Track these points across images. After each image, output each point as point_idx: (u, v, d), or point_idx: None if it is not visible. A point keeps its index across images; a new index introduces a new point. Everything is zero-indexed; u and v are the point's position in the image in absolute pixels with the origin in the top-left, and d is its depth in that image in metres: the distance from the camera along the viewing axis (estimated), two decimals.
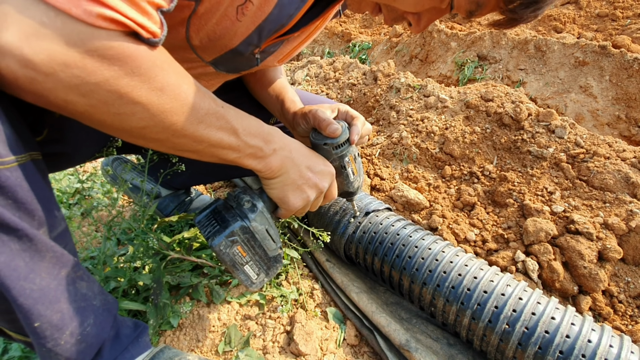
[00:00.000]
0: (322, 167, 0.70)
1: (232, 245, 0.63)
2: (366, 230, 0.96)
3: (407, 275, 0.86)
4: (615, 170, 1.16)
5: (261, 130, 0.60)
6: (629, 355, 0.63)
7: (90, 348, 0.53)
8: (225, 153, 0.56)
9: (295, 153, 0.66)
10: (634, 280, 1.00)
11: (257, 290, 0.72)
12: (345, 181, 0.81)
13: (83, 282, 0.52)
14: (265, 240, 0.68)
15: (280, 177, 0.64)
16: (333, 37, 3.98)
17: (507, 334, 0.70)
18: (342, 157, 0.77)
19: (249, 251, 0.66)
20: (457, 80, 2.55)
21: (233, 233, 0.63)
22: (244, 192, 0.68)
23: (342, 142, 0.76)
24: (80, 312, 0.51)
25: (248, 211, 0.65)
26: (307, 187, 0.68)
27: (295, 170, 0.66)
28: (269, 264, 0.70)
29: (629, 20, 2.81)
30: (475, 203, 1.26)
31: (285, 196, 0.67)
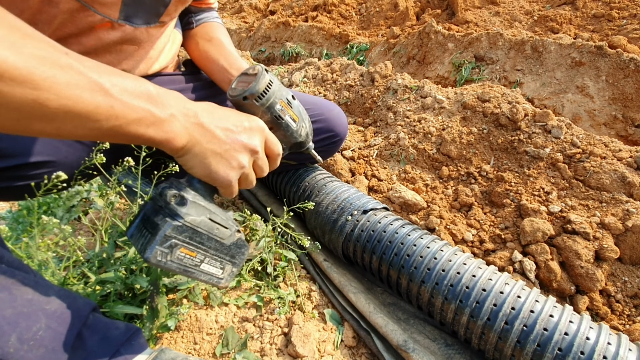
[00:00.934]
0: (245, 124, 0.59)
1: (173, 251, 0.53)
2: (364, 229, 0.96)
3: (406, 274, 0.86)
4: (611, 170, 1.16)
5: (144, 89, 0.47)
6: (626, 352, 0.63)
7: (53, 352, 0.51)
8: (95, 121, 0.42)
9: (205, 117, 0.54)
10: (631, 280, 1.00)
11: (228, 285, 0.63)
12: (287, 132, 0.70)
13: (26, 288, 0.50)
14: (213, 230, 0.58)
15: (194, 149, 0.53)
16: (331, 39, 3.99)
17: (505, 332, 0.70)
18: (271, 106, 0.65)
19: (198, 249, 0.57)
20: (455, 81, 2.56)
21: (166, 237, 0.52)
22: (170, 186, 0.57)
23: (264, 89, 0.63)
24: (23, 317, 0.49)
25: (177, 207, 0.54)
26: (234, 153, 0.57)
27: (211, 137, 0.54)
28: (230, 252, 0.61)
29: (625, 21, 2.82)
30: (473, 203, 1.27)
31: (211, 172, 0.55)
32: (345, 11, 4.64)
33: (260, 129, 0.61)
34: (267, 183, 1.33)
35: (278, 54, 4.35)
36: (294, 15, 5.07)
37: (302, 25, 4.32)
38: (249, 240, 1.10)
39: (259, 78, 0.63)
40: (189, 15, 1.03)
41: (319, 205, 1.05)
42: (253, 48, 4.81)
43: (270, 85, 0.64)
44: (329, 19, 4.55)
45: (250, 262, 0.98)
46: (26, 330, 0.48)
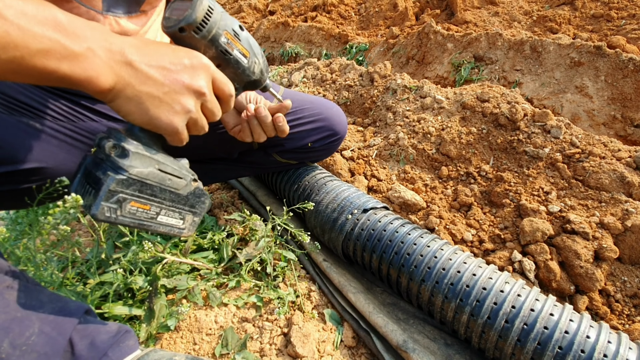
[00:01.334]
0: (184, 62, 0.51)
1: (122, 205, 0.49)
2: (364, 228, 0.96)
3: (406, 273, 0.86)
4: (610, 169, 1.16)
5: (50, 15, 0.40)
6: (627, 351, 0.63)
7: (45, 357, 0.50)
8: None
9: (134, 54, 0.46)
10: (630, 280, 1.00)
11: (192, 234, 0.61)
12: (237, 69, 0.60)
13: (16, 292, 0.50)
14: (165, 181, 0.53)
15: (125, 91, 0.46)
16: (330, 39, 3.99)
17: (506, 331, 0.70)
18: (215, 39, 0.55)
19: (151, 201, 0.52)
20: (454, 81, 2.56)
21: (111, 192, 0.48)
22: (107, 136, 0.51)
23: (203, 18, 0.53)
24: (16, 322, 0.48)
25: (118, 158, 0.49)
26: (175, 95, 0.50)
27: (144, 78, 0.47)
28: (189, 202, 0.57)
29: (624, 21, 2.82)
30: (472, 203, 1.27)
31: (151, 118, 0.49)
32: (344, 11, 4.64)
33: (204, 66, 0.53)
34: (267, 182, 1.33)
35: (277, 54, 4.35)
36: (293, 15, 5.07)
37: (301, 25, 4.32)
38: (249, 241, 1.10)
39: (195, 4, 0.52)
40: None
41: (318, 204, 1.05)
42: None
43: (210, 13, 0.54)
44: (328, 19, 4.55)
45: (249, 263, 0.98)
46: (19, 336, 0.48)
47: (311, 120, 1.08)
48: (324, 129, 1.10)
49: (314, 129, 1.08)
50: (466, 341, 0.81)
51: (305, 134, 1.08)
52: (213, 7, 0.54)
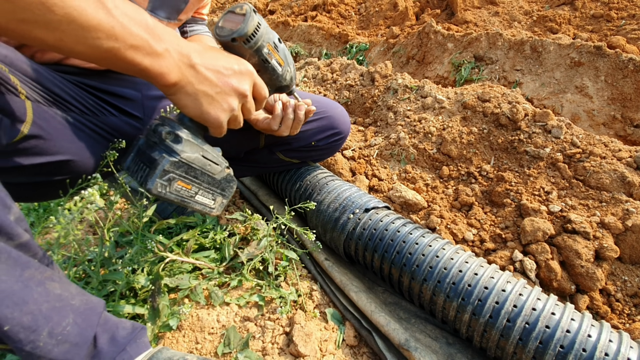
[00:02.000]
0: (235, 67, 0.60)
1: (171, 183, 0.58)
2: (366, 227, 0.96)
3: (408, 272, 0.86)
4: (611, 169, 1.17)
5: (143, 19, 0.49)
6: (628, 350, 0.63)
7: (76, 348, 0.53)
8: (94, 36, 0.44)
9: (197, 58, 0.56)
10: (630, 279, 1.00)
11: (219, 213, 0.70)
12: (273, 76, 0.71)
13: (54, 283, 0.52)
14: (206, 166, 0.62)
15: (186, 88, 0.56)
16: (330, 39, 3.99)
17: (508, 330, 0.70)
18: (259, 50, 0.65)
19: (193, 182, 0.61)
20: (454, 81, 2.56)
21: (165, 172, 0.57)
22: (162, 123, 0.60)
23: (252, 32, 0.63)
24: (56, 312, 0.50)
25: (173, 144, 0.58)
26: (224, 95, 0.60)
27: (202, 78, 0.57)
28: (221, 186, 0.66)
29: (624, 21, 2.83)
30: (473, 203, 1.27)
31: (203, 112, 0.59)
32: (344, 11, 4.64)
33: (249, 73, 0.63)
34: (268, 182, 1.33)
35: None
36: (293, 14, 5.07)
37: (301, 25, 4.32)
38: (250, 240, 1.10)
39: (247, 19, 0.61)
40: (183, 25, 1.09)
41: (320, 203, 1.05)
42: None
43: (258, 27, 0.64)
44: (329, 19, 4.55)
45: (251, 262, 0.98)
46: (57, 325, 0.50)
47: (317, 119, 1.10)
48: (329, 128, 1.12)
49: (319, 127, 1.10)
50: (468, 340, 0.81)
51: (310, 133, 1.10)
52: (261, 23, 0.64)
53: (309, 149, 1.14)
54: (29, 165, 0.63)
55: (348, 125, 1.17)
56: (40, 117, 0.63)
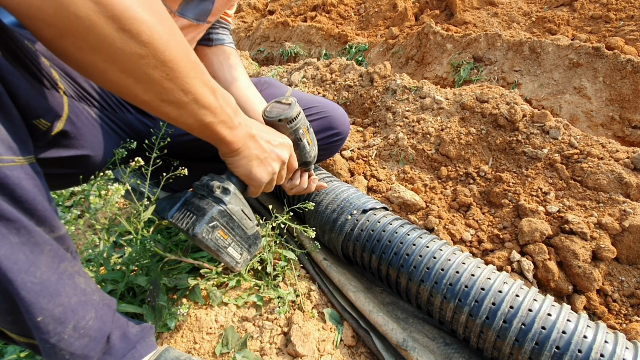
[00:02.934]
0: (280, 140, 0.74)
1: (213, 231, 0.65)
2: (364, 228, 0.96)
3: (405, 273, 0.87)
4: (608, 170, 1.17)
5: (231, 99, 0.62)
6: (623, 351, 0.64)
7: (94, 342, 0.54)
8: (204, 114, 0.56)
9: (255, 129, 0.69)
10: (627, 280, 1.01)
11: (241, 269, 0.76)
12: (302, 152, 0.86)
13: (81, 278, 0.53)
14: (243, 220, 0.71)
15: (244, 152, 0.67)
16: (330, 39, 3.99)
17: (504, 331, 0.70)
18: (297, 130, 0.81)
19: (230, 233, 0.69)
20: (453, 82, 2.57)
21: (212, 218, 0.65)
22: (212, 179, 0.70)
23: (295, 116, 0.79)
24: (82, 306, 0.52)
25: (222, 195, 0.67)
26: (270, 160, 0.72)
27: (257, 145, 0.69)
28: (249, 242, 0.74)
29: (622, 22, 2.84)
30: (471, 204, 1.27)
31: (251, 172, 0.70)
32: (344, 11, 4.65)
33: (289, 146, 0.77)
34: None
35: (277, 54, 4.35)
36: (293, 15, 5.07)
37: (301, 25, 4.32)
38: None
39: (293, 107, 0.80)
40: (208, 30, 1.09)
41: (318, 204, 1.06)
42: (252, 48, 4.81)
43: (299, 114, 0.81)
44: (328, 19, 4.55)
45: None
46: (82, 319, 0.51)
47: (317, 119, 1.12)
48: (328, 128, 1.13)
49: (319, 127, 1.12)
50: (465, 341, 0.82)
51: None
52: (300, 111, 0.82)
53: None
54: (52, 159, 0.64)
55: (347, 126, 1.18)
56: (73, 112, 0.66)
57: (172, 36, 0.48)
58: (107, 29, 0.42)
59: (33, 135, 0.52)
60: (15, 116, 0.44)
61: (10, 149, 0.42)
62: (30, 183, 0.44)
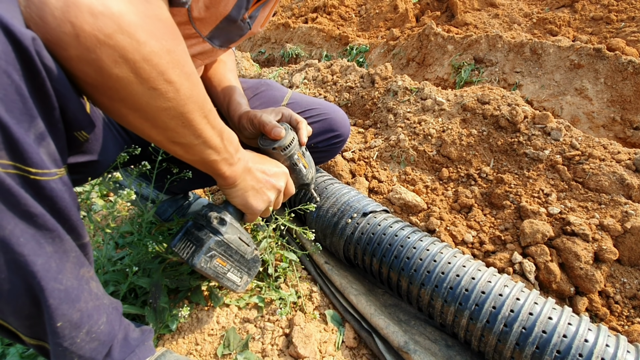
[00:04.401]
0: (275, 170, 0.77)
1: (212, 260, 0.69)
2: (364, 232, 0.96)
3: (406, 277, 0.87)
4: (610, 172, 1.17)
5: (234, 138, 0.66)
6: (625, 354, 0.63)
7: (102, 346, 0.54)
8: (209, 153, 0.60)
9: (251, 161, 0.72)
10: (629, 281, 1.01)
11: (243, 291, 0.81)
12: (299, 176, 0.89)
13: (94, 282, 0.54)
14: (240, 247, 0.75)
15: (240, 185, 0.70)
16: (330, 40, 3.99)
17: (504, 334, 0.70)
18: (291, 156, 0.84)
19: (228, 260, 0.73)
20: (454, 83, 2.57)
21: (210, 249, 0.68)
22: (210, 209, 0.73)
23: (289, 144, 0.82)
24: (96, 311, 0.52)
25: (219, 226, 0.71)
26: (265, 190, 0.75)
27: (252, 177, 0.72)
28: (248, 265, 0.78)
29: (623, 24, 2.84)
30: (473, 205, 1.27)
31: (247, 202, 0.73)
32: (345, 13, 4.65)
33: (285, 174, 0.80)
34: None
35: (278, 55, 4.36)
36: (294, 16, 5.08)
37: (302, 26, 4.32)
38: None
39: (286, 135, 0.83)
40: None
41: (319, 208, 1.06)
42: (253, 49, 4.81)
43: (292, 141, 0.83)
44: (329, 21, 4.56)
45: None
46: (95, 324, 0.52)
47: (318, 121, 1.12)
48: (329, 130, 1.14)
49: (319, 130, 1.12)
50: (466, 344, 0.82)
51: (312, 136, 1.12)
52: (294, 138, 0.85)
53: (309, 151, 1.15)
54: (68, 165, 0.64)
55: (348, 127, 1.19)
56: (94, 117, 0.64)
57: (195, 91, 0.51)
58: (138, 88, 0.46)
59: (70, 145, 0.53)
60: (60, 129, 0.46)
61: (54, 162, 0.43)
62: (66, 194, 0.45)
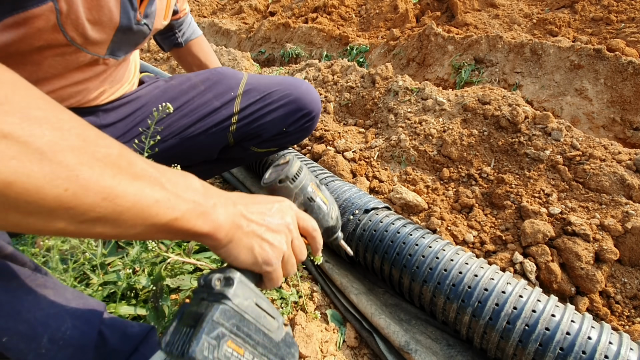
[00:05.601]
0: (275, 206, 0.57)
1: (220, 344, 0.44)
2: (366, 228, 0.96)
3: (408, 274, 0.87)
4: (610, 172, 1.17)
5: (191, 180, 0.47)
6: (628, 352, 0.63)
7: (80, 351, 0.52)
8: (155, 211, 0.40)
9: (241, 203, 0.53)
10: (630, 281, 1.01)
11: None
12: (319, 216, 0.69)
13: (48, 290, 0.52)
14: (260, 318, 0.50)
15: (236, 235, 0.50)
16: (331, 40, 4.00)
17: (507, 332, 0.70)
18: (303, 188, 0.67)
19: (246, 344, 0.47)
20: (454, 83, 2.57)
21: (214, 324, 0.44)
22: (211, 272, 0.51)
23: (297, 171, 0.66)
24: (52, 318, 0.50)
25: (224, 288, 0.47)
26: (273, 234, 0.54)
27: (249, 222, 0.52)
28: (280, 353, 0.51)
29: (623, 24, 2.84)
30: (473, 205, 1.27)
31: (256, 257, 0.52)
32: (345, 13, 4.66)
33: (289, 207, 0.59)
34: None
35: (278, 55, 4.36)
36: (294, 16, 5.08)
37: (302, 26, 4.33)
38: None
39: (292, 163, 0.67)
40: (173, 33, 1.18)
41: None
42: (253, 49, 4.81)
43: (301, 169, 0.67)
44: (329, 21, 4.56)
45: None
46: (56, 331, 0.50)
47: (282, 104, 1.03)
48: (297, 110, 1.04)
49: (287, 113, 1.03)
50: (468, 341, 0.82)
51: (278, 121, 1.04)
52: (302, 166, 0.68)
53: (281, 135, 1.08)
54: None
55: (317, 102, 1.09)
56: None
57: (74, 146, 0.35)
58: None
59: None
60: None
61: None
62: None
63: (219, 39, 5.49)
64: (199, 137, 0.99)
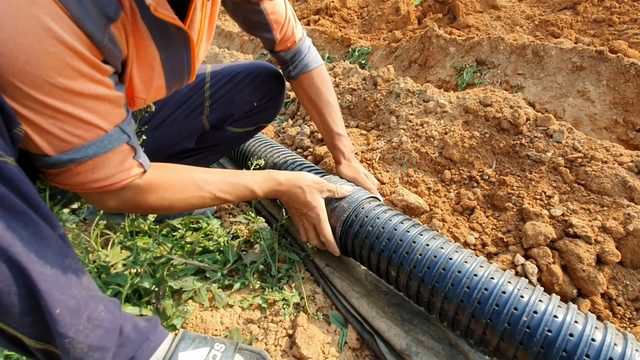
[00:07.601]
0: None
1: None
2: (362, 224, 0.95)
3: (405, 273, 0.86)
4: (612, 174, 1.17)
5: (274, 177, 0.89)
6: (633, 353, 0.63)
7: (108, 334, 0.55)
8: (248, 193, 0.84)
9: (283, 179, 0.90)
10: (632, 283, 1.01)
11: None
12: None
13: (84, 276, 0.55)
14: None
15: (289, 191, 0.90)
16: (333, 42, 4.01)
17: (508, 333, 0.70)
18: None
19: None
20: (456, 85, 2.57)
21: None
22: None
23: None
24: (91, 299, 0.53)
25: None
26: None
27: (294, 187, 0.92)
28: None
29: (626, 26, 2.84)
30: (475, 207, 1.27)
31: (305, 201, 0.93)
32: (347, 15, 4.67)
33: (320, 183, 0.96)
34: None
35: None
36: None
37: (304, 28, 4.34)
38: (254, 243, 1.11)
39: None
40: (286, 66, 1.15)
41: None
42: (255, 51, 4.83)
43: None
44: (331, 23, 4.58)
45: (254, 264, 0.99)
46: (94, 311, 0.53)
47: (248, 82, 1.13)
48: (263, 86, 1.15)
49: (254, 89, 1.14)
50: (468, 342, 0.82)
51: (248, 96, 1.14)
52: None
53: (254, 111, 1.18)
54: None
55: (280, 76, 1.19)
56: None
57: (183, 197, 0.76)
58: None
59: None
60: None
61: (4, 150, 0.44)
62: (27, 182, 0.45)
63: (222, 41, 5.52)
64: (176, 125, 1.08)
